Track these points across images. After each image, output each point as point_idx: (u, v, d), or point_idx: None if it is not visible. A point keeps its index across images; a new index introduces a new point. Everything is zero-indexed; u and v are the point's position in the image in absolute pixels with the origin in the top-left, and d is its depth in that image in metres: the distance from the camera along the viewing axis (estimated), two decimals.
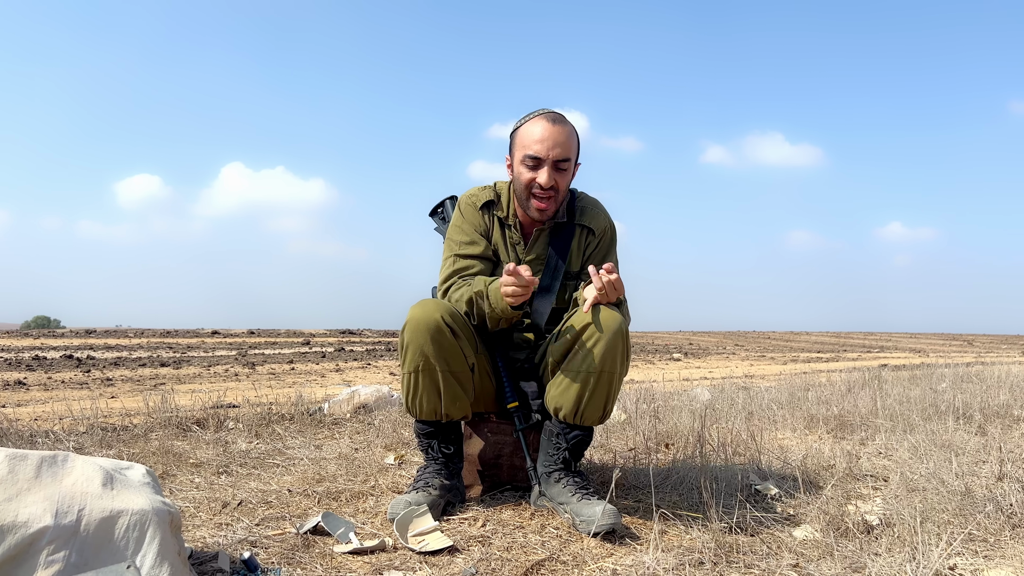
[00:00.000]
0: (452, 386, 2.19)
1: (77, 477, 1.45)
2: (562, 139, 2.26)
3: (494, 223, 2.41)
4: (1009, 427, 3.88)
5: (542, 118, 2.29)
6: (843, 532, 1.98)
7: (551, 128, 2.26)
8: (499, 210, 2.40)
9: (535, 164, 2.26)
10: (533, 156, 2.25)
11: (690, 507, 2.29)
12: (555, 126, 2.27)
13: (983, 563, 1.80)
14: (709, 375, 9.75)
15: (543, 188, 2.25)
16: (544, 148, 2.25)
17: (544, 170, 2.25)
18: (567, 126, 2.29)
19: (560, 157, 2.25)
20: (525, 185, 2.28)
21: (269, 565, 1.72)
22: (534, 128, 2.28)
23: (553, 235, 2.40)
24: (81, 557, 1.34)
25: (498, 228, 2.41)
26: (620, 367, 2.14)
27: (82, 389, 6.56)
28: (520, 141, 2.31)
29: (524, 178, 2.28)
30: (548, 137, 2.25)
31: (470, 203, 2.42)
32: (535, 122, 2.29)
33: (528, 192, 2.29)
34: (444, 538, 1.88)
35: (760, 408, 4.48)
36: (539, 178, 2.25)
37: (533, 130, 2.28)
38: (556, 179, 2.26)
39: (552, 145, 2.25)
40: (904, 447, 3.19)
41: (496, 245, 2.40)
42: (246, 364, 10.03)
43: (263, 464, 2.83)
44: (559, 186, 2.28)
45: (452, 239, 2.40)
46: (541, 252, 2.39)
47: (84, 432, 3.37)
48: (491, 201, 2.41)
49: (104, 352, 11.83)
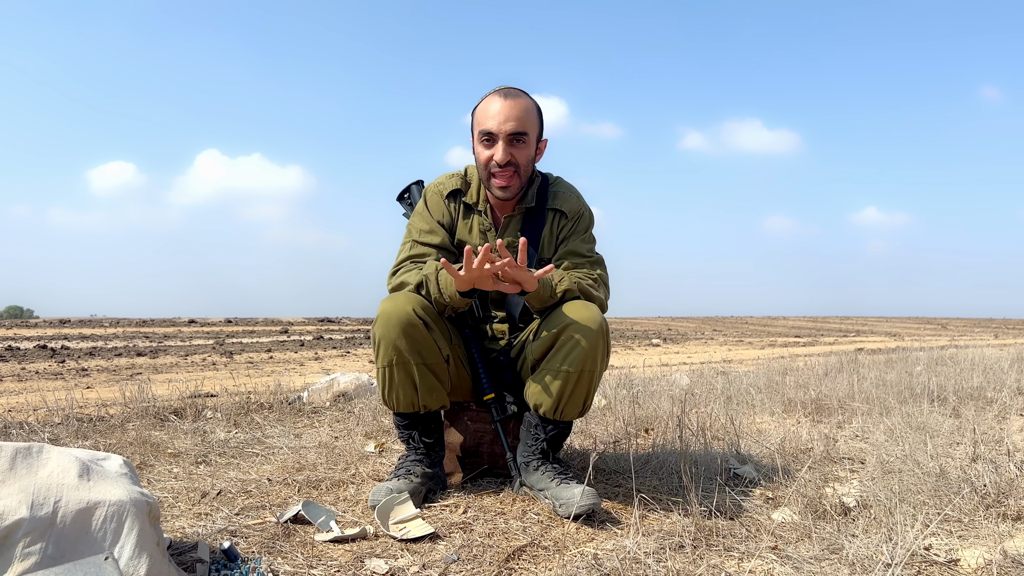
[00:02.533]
0: (428, 378, 2.18)
1: (53, 468, 1.43)
2: (516, 112, 2.20)
3: (460, 211, 2.37)
4: (982, 409, 3.94)
5: (496, 94, 2.24)
6: (821, 514, 2.01)
7: (504, 102, 2.21)
8: (468, 197, 2.36)
9: (489, 140, 2.21)
10: (486, 131, 2.21)
11: (670, 491, 2.31)
12: (508, 100, 2.21)
13: (958, 543, 1.83)
14: (688, 360, 9.81)
15: (499, 165, 2.21)
16: (496, 123, 2.19)
17: (499, 145, 2.20)
18: (522, 99, 2.23)
19: (515, 131, 2.20)
20: (484, 164, 2.24)
21: (249, 555, 1.71)
22: (488, 105, 2.23)
23: (524, 221, 2.35)
24: (58, 549, 1.33)
25: (465, 215, 2.36)
26: (600, 364, 2.13)
27: (57, 380, 6.48)
28: (476, 120, 2.27)
29: (482, 157, 2.24)
30: (500, 111, 2.20)
31: (436, 192, 2.38)
32: (489, 99, 2.24)
33: (487, 171, 2.24)
34: (425, 525, 1.88)
35: (738, 392, 4.51)
36: (496, 154, 2.20)
37: (487, 107, 2.23)
38: (513, 154, 2.21)
39: (504, 119, 2.19)
40: (880, 430, 3.24)
41: (463, 234, 2.36)
42: (224, 353, 9.95)
43: (242, 453, 2.81)
44: (517, 160, 2.22)
45: (413, 226, 2.37)
46: (514, 239, 2.34)
47: (59, 423, 3.34)
48: (457, 189, 2.37)
49: (79, 342, 11.69)
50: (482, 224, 2.35)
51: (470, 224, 2.36)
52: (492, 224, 2.36)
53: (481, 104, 2.27)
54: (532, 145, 2.27)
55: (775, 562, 1.71)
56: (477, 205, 2.36)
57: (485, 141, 2.22)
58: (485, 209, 2.36)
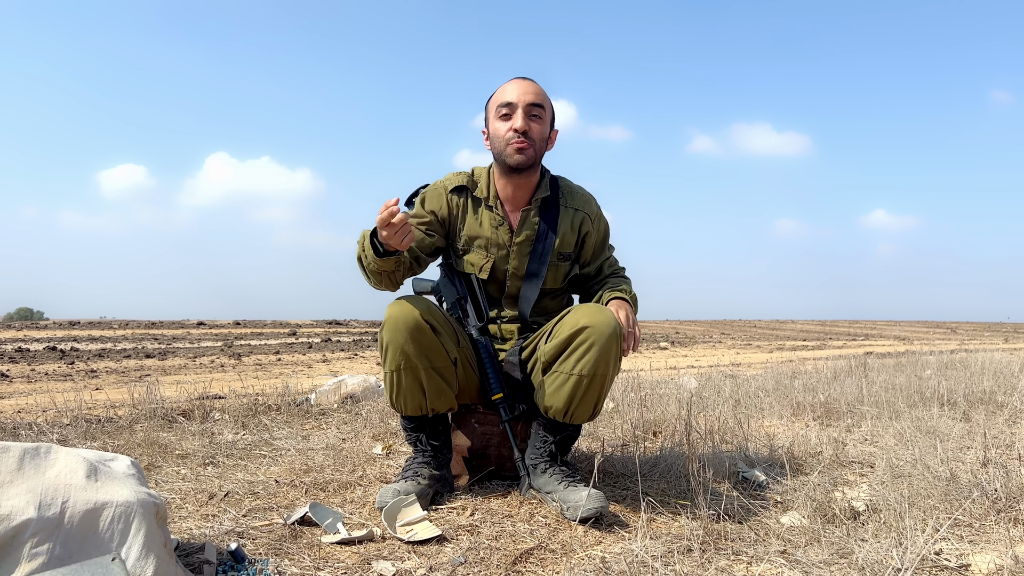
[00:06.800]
0: (435, 381, 2.17)
1: (60, 469, 1.43)
2: (534, 88, 2.30)
3: (467, 206, 2.38)
4: (993, 413, 3.92)
5: (512, 79, 2.33)
6: (830, 518, 1.99)
7: (522, 81, 2.31)
8: (477, 191, 2.37)
9: (509, 110, 2.26)
10: (505, 102, 2.27)
11: (678, 494, 2.30)
12: (526, 80, 2.31)
13: (968, 548, 1.82)
14: (696, 363, 9.79)
15: (517, 131, 2.24)
16: (516, 95, 2.27)
17: (518, 113, 2.25)
18: (537, 84, 2.33)
19: (533, 102, 2.26)
20: (502, 136, 2.27)
21: (256, 556, 1.70)
22: (506, 85, 2.32)
23: (542, 213, 2.37)
24: (65, 550, 1.33)
25: (475, 210, 2.37)
26: (613, 369, 2.11)
27: (66, 381, 6.51)
28: (493, 100, 2.33)
29: (500, 130, 2.27)
30: (520, 86, 2.29)
31: (437, 188, 2.40)
32: (506, 83, 2.33)
33: (505, 143, 2.26)
34: (433, 527, 1.88)
35: (747, 396, 4.50)
36: (515, 122, 2.25)
37: (505, 87, 2.32)
38: (530, 125, 2.26)
39: (524, 92, 2.27)
40: (890, 433, 3.22)
41: (473, 228, 2.36)
42: (232, 355, 9.99)
43: (250, 455, 2.81)
44: (533, 134, 2.26)
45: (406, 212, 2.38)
46: (531, 233, 2.36)
47: (68, 424, 3.35)
48: (463, 186, 2.38)
49: (88, 344, 11.75)
50: (494, 220, 2.36)
51: (480, 219, 2.37)
52: (505, 217, 2.36)
53: (498, 89, 2.33)
54: (547, 124, 2.32)
55: (784, 566, 1.70)
56: (488, 200, 2.36)
57: (504, 115, 2.27)
58: (496, 204, 2.36)
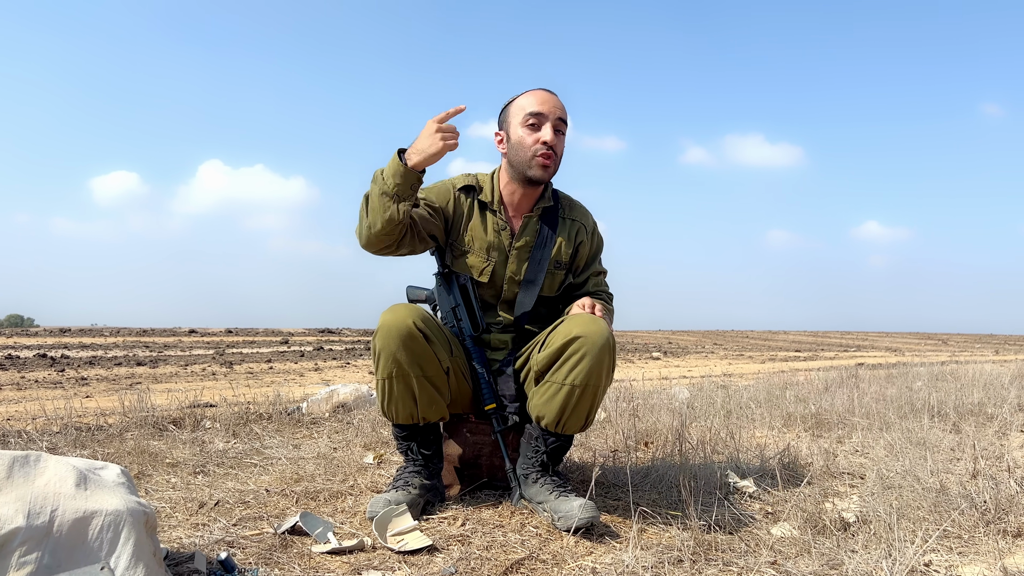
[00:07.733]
0: (427, 390, 2.17)
1: (50, 477, 1.42)
2: (561, 104, 2.32)
3: (472, 207, 2.39)
4: (983, 425, 3.93)
5: (538, 89, 2.33)
6: (820, 529, 2.00)
7: (550, 94, 2.32)
8: (483, 195, 2.39)
9: (538, 121, 2.27)
10: (535, 112, 2.27)
11: (669, 505, 2.30)
12: (553, 94, 2.32)
13: (958, 559, 1.82)
14: (688, 374, 9.79)
15: (546, 144, 2.26)
16: (547, 107, 2.28)
17: (548, 126, 2.26)
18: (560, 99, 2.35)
19: (561, 117, 2.29)
20: (528, 146, 2.27)
21: (246, 565, 1.70)
22: (534, 94, 2.32)
23: (543, 222, 2.39)
24: (54, 558, 1.32)
25: (480, 213, 2.38)
26: (605, 380, 2.12)
27: (56, 388, 6.47)
28: (518, 106, 2.32)
29: (527, 139, 2.28)
30: (549, 99, 2.30)
31: (446, 185, 2.41)
32: (532, 92, 2.33)
33: (532, 154, 2.27)
34: (423, 537, 1.87)
35: (738, 406, 4.50)
36: (544, 135, 2.26)
37: (533, 95, 2.31)
38: (556, 139, 2.29)
39: (554, 105, 2.29)
40: (880, 445, 3.23)
41: (478, 231, 2.37)
42: (224, 363, 9.95)
43: (240, 464, 2.80)
44: (557, 149, 2.30)
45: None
46: (531, 239, 2.37)
47: (58, 432, 3.33)
48: (471, 186, 2.40)
49: (79, 351, 11.69)
50: (496, 224, 2.37)
51: (484, 223, 2.38)
52: (507, 223, 2.37)
53: (522, 96, 2.33)
54: (564, 141, 2.35)
55: None
56: (492, 204, 2.38)
57: (531, 124, 2.28)
58: (499, 210, 2.37)
